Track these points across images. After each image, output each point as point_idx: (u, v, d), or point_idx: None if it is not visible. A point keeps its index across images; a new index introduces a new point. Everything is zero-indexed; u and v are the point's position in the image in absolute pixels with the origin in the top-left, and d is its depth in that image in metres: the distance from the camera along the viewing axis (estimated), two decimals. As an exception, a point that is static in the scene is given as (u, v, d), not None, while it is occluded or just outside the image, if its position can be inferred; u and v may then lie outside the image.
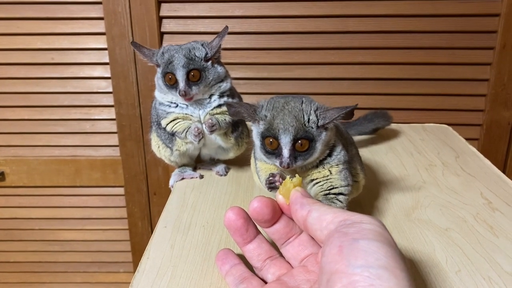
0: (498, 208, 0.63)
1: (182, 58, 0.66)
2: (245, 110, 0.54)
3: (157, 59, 0.68)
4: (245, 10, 1.22)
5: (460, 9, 1.18)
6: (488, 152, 1.29)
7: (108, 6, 1.22)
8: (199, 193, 0.71)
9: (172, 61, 0.66)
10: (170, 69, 0.66)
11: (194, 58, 0.66)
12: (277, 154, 0.52)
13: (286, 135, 0.51)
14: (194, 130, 0.68)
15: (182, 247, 0.55)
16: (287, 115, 0.51)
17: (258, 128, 0.54)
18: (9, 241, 1.50)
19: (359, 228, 0.35)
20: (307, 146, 0.51)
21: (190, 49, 0.67)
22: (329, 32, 1.22)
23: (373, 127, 0.91)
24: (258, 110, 0.54)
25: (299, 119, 0.51)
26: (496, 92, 1.23)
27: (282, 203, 0.45)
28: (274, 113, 0.52)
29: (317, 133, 0.51)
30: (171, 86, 0.67)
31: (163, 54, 0.67)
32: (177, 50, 0.67)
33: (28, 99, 1.34)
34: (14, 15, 1.26)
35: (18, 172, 1.40)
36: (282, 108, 0.52)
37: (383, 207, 0.65)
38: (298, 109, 0.52)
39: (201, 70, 0.67)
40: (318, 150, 0.52)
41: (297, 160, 0.52)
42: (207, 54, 0.67)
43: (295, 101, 0.53)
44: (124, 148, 1.36)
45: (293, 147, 0.51)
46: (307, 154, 0.52)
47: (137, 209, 1.43)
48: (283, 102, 0.53)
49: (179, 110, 0.70)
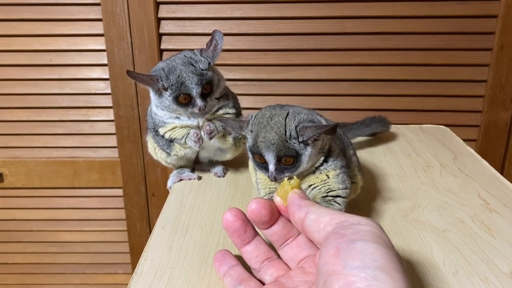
0: (495, 209, 0.64)
1: (192, 76, 0.64)
2: (231, 127, 0.55)
3: (162, 83, 0.65)
4: (243, 12, 1.22)
5: (458, 10, 1.18)
6: (485, 153, 1.29)
7: (106, 7, 1.22)
8: (197, 194, 0.71)
9: (184, 82, 0.64)
10: (184, 90, 0.65)
11: (202, 73, 0.65)
12: (265, 167, 0.53)
13: (269, 152, 0.51)
14: (194, 136, 0.68)
15: (180, 249, 0.55)
16: (269, 132, 0.51)
17: (248, 143, 0.55)
18: (7, 242, 1.50)
19: (356, 229, 0.35)
20: (291, 161, 0.51)
21: (193, 63, 0.65)
22: (327, 34, 1.23)
23: (370, 132, 0.91)
24: (243, 126, 0.54)
25: (280, 136, 0.51)
26: (494, 93, 1.24)
27: (280, 205, 0.45)
28: (258, 129, 0.52)
29: (300, 147, 0.51)
30: (185, 105, 0.66)
31: (167, 77, 0.65)
32: (182, 70, 0.65)
33: (26, 101, 1.34)
34: (12, 16, 1.26)
35: (17, 173, 1.40)
36: (266, 124, 0.52)
37: (380, 208, 0.65)
38: (280, 124, 0.51)
39: (210, 82, 0.67)
40: (305, 163, 0.52)
41: (284, 173, 0.52)
42: (209, 64, 0.67)
43: (278, 115, 0.52)
44: (123, 149, 1.36)
45: (279, 162, 0.51)
46: (293, 167, 0.52)
47: (136, 210, 1.43)
48: (268, 116, 0.52)
49: (179, 122, 0.70)
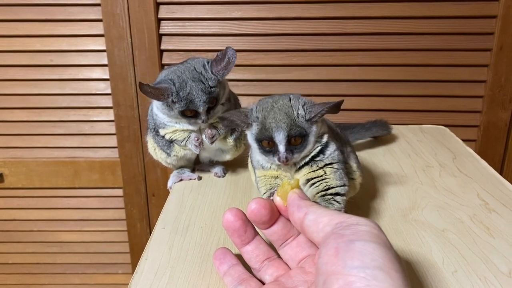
0: (494, 209, 0.64)
1: (202, 94, 0.65)
2: (237, 118, 0.56)
3: (172, 99, 0.65)
4: (243, 12, 1.22)
5: (458, 11, 1.18)
6: (485, 153, 1.29)
7: (106, 8, 1.22)
8: (198, 194, 0.71)
9: (193, 100, 0.65)
10: (192, 107, 0.65)
11: (211, 91, 0.66)
12: (274, 151, 0.54)
13: (280, 132, 0.53)
14: (195, 140, 0.69)
15: (180, 248, 0.56)
16: (277, 113, 0.54)
17: (252, 131, 0.56)
18: (7, 242, 1.50)
19: (355, 230, 0.36)
20: (300, 139, 0.54)
21: (203, 81, 0.65)
22: (327, 34, 1.23)
23: (370, 135, 0.90)
24: (249, 114, 0.56)
25: (289, 115, 0.53)
26: (493, 93, 1.24)
27: (279, 205, 0.45)
28: (265, 113, 0.54)
29: (307, 126, 0.54)
30: (190, 117, 0.67)
31: (178, 93, 0.64)
32: (192, 86, 0.65)
33: (26, 101, 1.34)
34: (12, 17, 1.26)
35: (17, 173, 1.40)
36: (271, 107, 0.54)
37: (380, 208, 0.65)
38: (287, 106, 0.54)
39: (216, 97, 0.67)
40: (311, 142, 0.55)
41: (294, 153, 0.54)
42: (218, 80, 0.67)
43: (283, 99, 0.55)
44: (123, 149, 1.36)
45: (288, 142, 0.53)
46: (302, 147, 0.54)
47: (136, 210, 1.43)
48: (271, 101, 0.55)
49: (180, 126, 0.70)
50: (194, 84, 0.65)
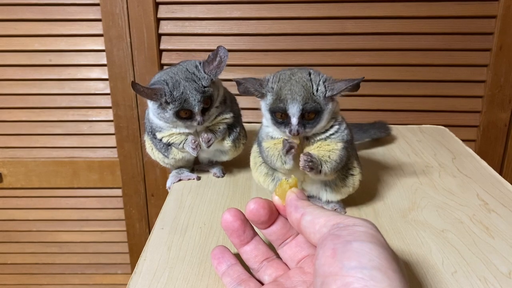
0: (494, 209, 0.64)
1: (196, 94, 0.65)
2: (251, 85, 0.56)
3: (166, 99, 0.65)
4: (242, 12, 1.22)
5: (457, 11, 1.18)
6: (484, 153, 1.29)
7: (105, 7, 1.22)
8: (196, 194, 0.71)
9: (187, 99, 0.65)
10: (186, 107, 0.65)
11: (204, 90, 0.66)
12: (286, 123, 0.54)
13: (294, 104, 0.53)
14: (192, 143, 0.69)
15: (179, 249, 0.55)
16: (294, 85, 0.53)
17: (266, 101, 0.56)
18: (6, 242, 1.50)
19: (352, 230, 0.35)
20: (314, 115, 0.53)
21: (196, 81, 0.66)
22: (327, 34, 1.23)
23: (368, 137, 0.90)
24: (264, 84, 0.55)
25: (307, 88, 0.53)
26: (492, 93, 1.24)
27: (278, 204, 0.45)
28: (281, 84, 0.54)
29: (324, 102, 0.54)
30: (185, 118, 0.67)
31: (171, 93, 0.65)
32: (186, 86, 0.65)
33: (25, 101, 1.34)
34: (11, 16, 1.26)
35: (16, 173, 1.40)
36: (289, 79, 0.54)
37: (379, 208, 0.65)
38: (306, 79, 0.54)
39: (211, 97, 0.67)
40: (325, 119, 0.55)
41: (306, 127, 0.54)
42: (212, 80, 0.67)
43: (301, 72, 0.55)
44: (122, 149, 1.36)
45: (301, 115, 0.53)
46: (315, 122, 0.54)
47: (135, 210, 1.43)
48: (289, 73, 0.55)
49: (176, 130, 0.70)
50: (187, 84, 0.65)
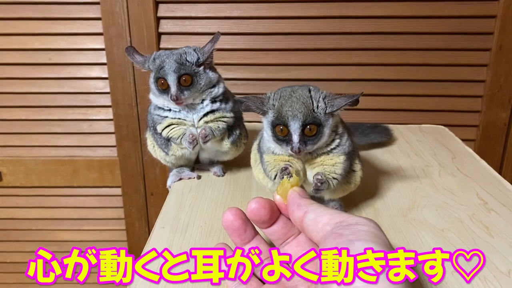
0: (493, 209, 0.64)
1: (173, 63, 0.66)
2: (253, 104, 0.56)
3: (149, 65, 0.68)
4: (242, 11, 1.22)
5: (457, 10, 1.18)
6: (484, 153, 1.29)
7: (105, 6, 1.21)
8: (197, 193, 0.71)
9: (163, 67, 0.66)
10: (161, 74, 0.67)
11: (186, 63, 0.67)
12: (287, 141, 0.54)
13: (295, 121, 0.53)
14: (189, 137, 0.69)
15: (179, 248, 0.56)
16: (295, 102, 0.54)
17: (268, 118, 0.56)
18: (6, 241, 1.50)
19: (354, 229, 0.36)
20: (315, 131, 0.54)
21: (182, 54, 0.67)
22: (327, 33, 1.23)
23: (368, 141, 0.89)
24: (265, 101, 0.56)
25: (307, 105, 0.53)
26: (492, 93, 1.24)
27: (280, 203, 0.45)
28: (282, 101, 0.54)
29: (325, 119, 0.54)
30: (163, 91, 0.68)
31: (154, 60, 0.68)
32: (168, 55, 0.67)
33: (25, 100, 1.33)
34: (11, 15, 1.26)
35: (15, 172, 1.40)
36: (289, 96, 0.54)
37: (379, 207, 0.65)
38: (306, 96, 0.54)
39: (192, 75, 0.67)
40: (326, 134, 0.55)
41: (307, 145, 0.54)
42: (198, 59, 0.68)
43: (302, 89, 0.55)
44: (122, 148, 1.36)
45: (302, 132, 0.53)
46: (316, 139, 0.54)
47: (135, 209, 1.43)
48: (289, 90, 0.55)
49: (172, 115, 0.70)
50: (171, 56, 0.67)
